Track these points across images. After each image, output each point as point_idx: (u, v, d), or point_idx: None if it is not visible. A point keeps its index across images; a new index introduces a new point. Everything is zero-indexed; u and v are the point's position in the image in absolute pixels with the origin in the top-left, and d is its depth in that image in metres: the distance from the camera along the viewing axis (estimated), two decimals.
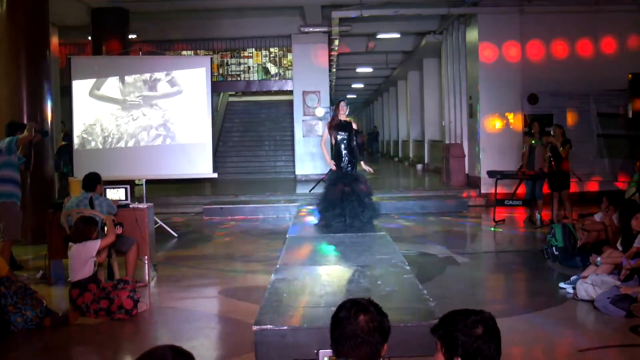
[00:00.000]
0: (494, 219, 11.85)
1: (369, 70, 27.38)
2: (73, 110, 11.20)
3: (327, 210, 9.09)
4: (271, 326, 4.49)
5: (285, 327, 4.50)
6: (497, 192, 12.15)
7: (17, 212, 8.01)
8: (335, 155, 9.36)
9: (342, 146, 9.28)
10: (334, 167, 9.35)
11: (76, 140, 11.22)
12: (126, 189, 8.37)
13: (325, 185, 9.83)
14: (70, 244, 6.44)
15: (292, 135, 20.95)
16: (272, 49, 21.87)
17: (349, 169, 9.27)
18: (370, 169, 9.68)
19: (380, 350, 2.46)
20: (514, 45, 14.73)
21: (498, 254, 9.71)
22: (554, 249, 8.31)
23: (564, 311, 6.30)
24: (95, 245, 6.37)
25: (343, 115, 9.38)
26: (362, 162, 9.60)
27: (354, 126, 9.52)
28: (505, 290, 7.45)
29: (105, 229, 6.90)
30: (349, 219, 8.92)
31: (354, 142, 9.34)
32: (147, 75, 11.51)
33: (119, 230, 6.96)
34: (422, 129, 24.72)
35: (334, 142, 9.36)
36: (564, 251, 8.20)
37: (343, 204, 8.96)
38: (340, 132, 9.32)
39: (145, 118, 11.43)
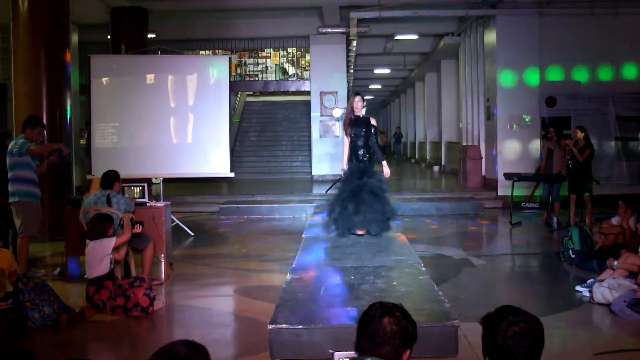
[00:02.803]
0: (510, 222, 11.78)
1: (386, 71, 27.33)
2: (92, 108, 11.26)
3: (338, 208, 8.48)
4: (286, 325, 4.49)
5: (300, 327, 4.51)
6: (514, 194, 12.08)
7: (32, 210, 8.02)
8: (351, 152, 8.69)
9: (359, 143, 8.59)
10: (343, 168, 8.75)
11: (95, 139, 11.28)
12: (144, 187, 8.41)
13: (340, 182, 9.04)
14: (87, 241, 6.48)
15: (309, 136, 20.96)
16: (290, 50, 21.90)
17: (367, 163, 8.61)
18: (388, 171, 8.76)
19: (401, 354, 2.51)
20: (532, 48, 14.65)
21: (514, 256, 9.65)
22: (570, 252, 8.25)
23: (580, 315, 6.25)
24: (110, 242, 6.40)
25: (359, 110, 8.68)
26: (383, 162, 8.82)
27: (373, 122, 8.76)
28: (521, 293, 7.40)
29: (126, 226, 6.93)
30: (362, 217, 8.35)
31: (373, 139, 8.65)
32: (165, 75, 11.55)
33: (139, 229, 6.98)
34: (439, 130, 24.65)
35: (349, 140, 8.70)
36: (581, 254, 8.14)
37: (356, 200, 8.34)
38: (355, 129, 8.62)
39: (164, 117, 11.46)
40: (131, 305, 6.18)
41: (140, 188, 8.42)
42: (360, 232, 8.46)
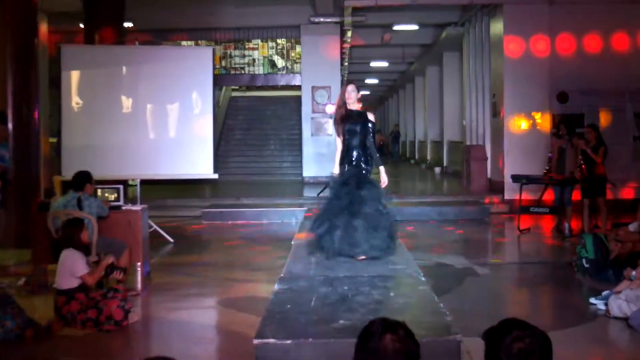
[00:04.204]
0: (518, 228, 11.78)
1: (384, 64, 27.34)
2: (62, 103, 11.20)
3: (324, 229, 7.33)
4: (274, 340, 4.45)
5: (288, 341, 4.47)
6: (522, 198, 12.08)
7: None
8: (343, 155, 7.60)
9: (353, 143, 7.51)
10: (335, 172, 7.71)
11: (65, 136, 11.21)
12: (119, 189, 8.37)
13: (328, 193, 7.81)
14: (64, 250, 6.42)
15: (300, 134, 20.94)
16: (279, 41, 21.95)
17: (363, 169, 7.54)
18: (385, 180, 7.61)
19: None
20: (542, 39, 14.67)
21: (522, 265, 9.65)
22: (584, 261, 8.24)
23: (595, 329, 6.24)
24: (79, 269, 6.29)
25: (353, 102, 7.59)
26: (381, 168, 7.66)
27: (371, 117, 7.67)
28: (529, 306, 7.38)
29: (94, 231, 6.88)
30: (357, 239, 7.20)
31: (371, 139, 7.57)
32: (143, 67, 11.50)
33: (120, 275, 6.85)
34: (441, 129, 24.67)
35: (341, 138, 7.60)
36: (595, 264, 8.12)
37: (349, 218, 7.25)
38: (349, 126, 7.52)
39: (142, 113, 11.42)
40: (104, 319, 6.13)
41: (116, 190, 8.37)
42: (360, 258, 7.17)
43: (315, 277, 6.40)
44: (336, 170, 7.75)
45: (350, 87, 7.65)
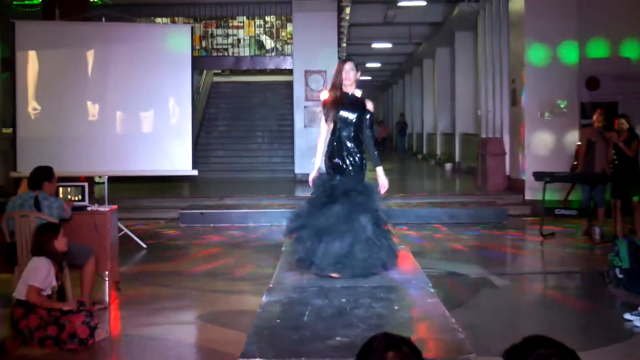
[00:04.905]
0: (541, 232, 11.78)
1: (387, 46, 27.36)
2: (17, 88, 11.16)
3: (309, 242, 6.87)
4: (261, 359, 4.45)
5: None
6: (546, 198, 12.08)
7: None
8: (331, 150, 7.18)
9: (345, 134, 7.09)
10: (310, 181, 7.33)
11: (21, 127, 11.18)
12: (83, 187, 8.34)
13: (307, 199, 7.39)
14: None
15: (292, 125, 20.94)
16: (267, 18, 21.89)
17: (355, 169, 7.08)
18: (386, 184, 7.12)
19: None
20: (568, 15, 14.64)
21: (546, 275, 9.66)
22: (617, 270, 8.24)
23: (629, 348, 6.24)
24: (37, 276, 6.22)
25: (351, 84, 7.13)
26: (378, 169, 7.20)
27: (369, 106, 7.20)
28: (555, 322, 7.37)
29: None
30: (345, 257, 6.70)
31: (368, 132, 7.16)
32: (111, 47, 11.47)
33: (93, 307, 6.76)
34: (453, 119, 24.70)
35: (330, 126, 7.19)
36: (631, 274, 8.12)
37: (336, 233, 6.74)
38: (342, 112, 7.06)
39: (110, 101, 11.40)
40: (66, 336, 6.09)
41: (80, 189, 8.34)
42: (334, 276, 6.72)
43: (308, 288, 6.39)
44: (318, 164, 7.41)
45: (348, 66, 7.15)
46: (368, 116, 7.16)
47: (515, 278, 9.29)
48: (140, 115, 11.49)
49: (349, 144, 7.10)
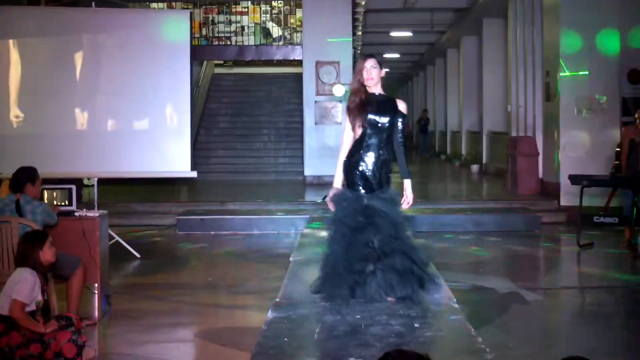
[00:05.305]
0: (578, 242, 11.74)
1: (407, 34, 27.33)
2: None
3: (334, 280, 6.66)
4: None
5: None
6: (583, 204, 12.04)
7: None
8: (356, 158, 6.88)
9: (373, 142, 6.85)
10: (330, 203, 7.03)
11: (1, 124, 11.20)
12: (70, 190, 8.35)
13: (329, 224, 7.13)
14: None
15: (301, 122, 20.93)
16: (274, 3, 21.90)
17: (385, 181, 6.92)
18: (411, 198, 7.00)
19: None
20: (609, 2, 14.60)
21: (583, 290, 9.60)
22: None
23: None
24: (21, 290, 6.24)
25: (375, 84, 6.94)
26: (406, 182, 7.02)
27: (402, 107, 7.02)
28: (593, 342, 7.35)
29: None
30: (377, 276, 6.63)
31: (400, 138, 6.98)
32: (101, 36, 11.49)
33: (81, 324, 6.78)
34: (480, 116, 24.67)
35: (356, 134, 6.93)
36: None
37: (367, 265, 6.62)
38: (371, 115, 6.84)
39: (100, 94, 11.42)
40: (50, 355, 6.10)
41: (67, 192, 8.35)
42: (390, 299, 6.65)
43: (318, 303, 6.40)
44: (338, 180, 7.04)
45: (370, 63, 6.92)
46: (400, 121, 6.97)
47: (549, 293, 9.26)
48: (133, 111, 11.48)
49: (380, 153, 6.89)
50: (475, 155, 24.92)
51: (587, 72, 14.59)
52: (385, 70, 7.14)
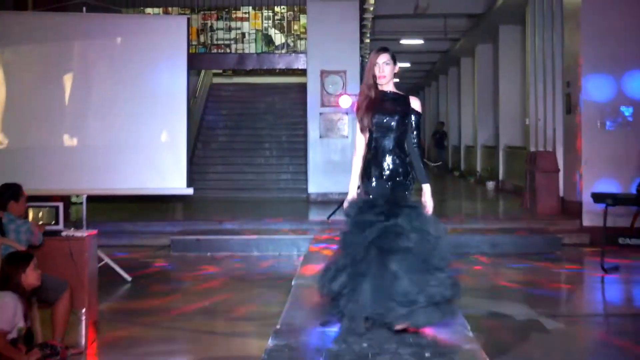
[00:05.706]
0: (602, 266, 11.70)
1: (418, 42, 27.37)
2: None
3: (342, 283, 6.15)
4: None
5: None
6: (608, 225, 12.00)
7: None
8: (369, 161, 6.67)
9: (385, 144, 6.63)
10: (352, 193, 6.72)
11: None
12: (57, 208, 8.34)
13: (344, 227, 6.53)
14: None
15: (305, 136, 20.96)
16: (277, 8, 21.96)
17: (401, 185, 6.62)
18: (431, 204, 6.64)
19: None
20: (635, 6, 14.60)
21: (608, 318, 9.58)
22: None
23: None
24: (3, 318, 6.23)
25: (387, 81, 6.73)
26: (425, 187, 6.70)
27: (415, 104, 6.83)
28: None
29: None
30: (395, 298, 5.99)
31: (413, 139, 6.77)
32: (93, 42, 11.50)
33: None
34: (496, 129, 24.67)
35: (367, 136, 6.71)
36: None
37: (378, 263, 6.10)
38: (381, 115, 6.62)
39: (91, 105, 11.42)
40: None
41: (53, 210, 8.34)
42: (399, 327, 6.15)
43: (322, 330, 6.35)
44: (353, 188, 6.74)
45: (383, 57, 6.67)
46: (414, 118, 6.77)
47: (571, 321, 9.21)
48: (125, 123, 11.46)
49: (390, 156, 6.62)
50: (490, 172, 24.90)
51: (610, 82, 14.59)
52: (397, 66, 6.86)
